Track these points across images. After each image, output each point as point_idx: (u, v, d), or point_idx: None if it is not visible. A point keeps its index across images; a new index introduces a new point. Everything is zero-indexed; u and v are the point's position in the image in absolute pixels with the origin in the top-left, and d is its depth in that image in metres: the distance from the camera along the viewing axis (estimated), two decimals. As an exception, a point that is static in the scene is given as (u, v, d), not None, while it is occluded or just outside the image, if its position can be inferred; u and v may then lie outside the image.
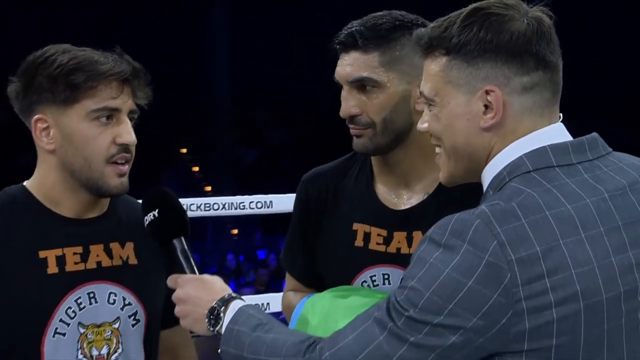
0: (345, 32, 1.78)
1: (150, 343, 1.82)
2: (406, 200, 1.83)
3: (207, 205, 2.91)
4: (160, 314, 1.79)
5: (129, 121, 1.71)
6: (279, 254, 2.42)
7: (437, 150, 1.50)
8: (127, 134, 1.69)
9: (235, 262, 12.16)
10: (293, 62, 17.28)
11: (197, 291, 1.61)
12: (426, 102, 1.48)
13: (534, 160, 1.39)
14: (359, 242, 1.85)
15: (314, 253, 1.92)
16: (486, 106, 1.40)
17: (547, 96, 1.42)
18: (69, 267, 1.72)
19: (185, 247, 1.68)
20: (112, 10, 16.63)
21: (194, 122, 16.85)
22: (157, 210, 1.69)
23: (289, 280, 2.03)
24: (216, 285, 1.61)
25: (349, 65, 1.77)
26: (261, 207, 2.96)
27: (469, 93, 1.42)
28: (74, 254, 1.73)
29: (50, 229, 1.73)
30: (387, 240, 1.82)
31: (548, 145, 1.40)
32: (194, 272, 1.66)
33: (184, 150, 17.76)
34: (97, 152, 1.68)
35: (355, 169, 1.91)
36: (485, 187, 1.44)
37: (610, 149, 1.45)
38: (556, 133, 1.42)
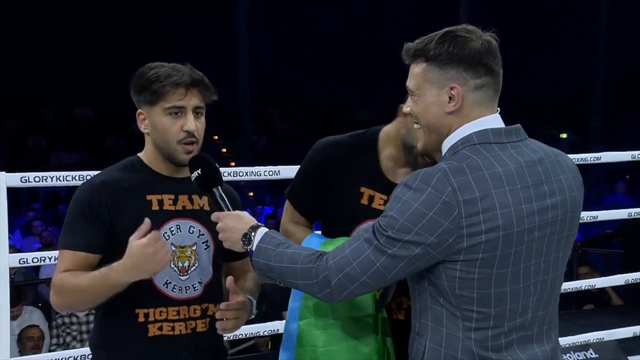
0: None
1: (217, 265, 1.86)
2: (403, 176, 1.78)
3: (234, 173, 2.89)
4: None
5: (192, 114, 1.74)
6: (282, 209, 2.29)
7: (416, 126, 1.52)
8: (190, 123, 1.74)
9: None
10: (296, 72, 17.18)
11: (233, 222, 1.62)
12: (409, 93, 1.51)
13: (479, 137, 1.44)
14: (364, 201, 1.83)
15: (320, 199, 1.87)
16: (450, 98, 1.45)
17: (491, 94, 1.47)
18: (165, 207, 1.79)
19: (222, 192, 1.69)
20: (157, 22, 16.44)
21: (223, 116, 16.76)
22: (200, 169, 1.69)
23: (292, 213, 1.94)
24: (246, 217, 1.63)
25: None
26: (272, 175, 2.93)
27: (439, 88, 1.46)
28: (169, 199, 1.79)
29: (154, 182, 1.80)
30: (386, 203, 1.78)
31: (489, 128, 1.45)
32: (229, 210, 1.66)
33: (216, 137, 17.68)
34: (171, 136, 1.75)
35: (365, 146, 1.85)
36: (443, 152, 1.48)
37: (527, 136, 1.50)
38: (495, 121, 1.47)
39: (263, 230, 1.58)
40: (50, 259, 2.77)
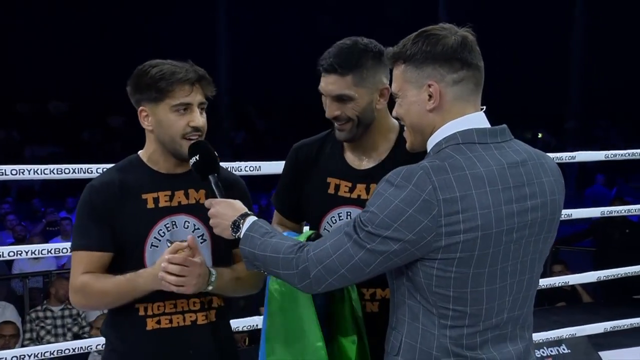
0: (327, 60, 1.77)
1: (218, 256, 1.85)
2: (365, 164, 1.88)
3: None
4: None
5: (198, 110, 1.77)
6: (262, 205, 2.30)
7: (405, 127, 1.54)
8: (197, 119, 1.77)
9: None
10: (273, 69, 17.16)
11: (225, 209, 1.65)
12: (394, 96, 1.52)
13: (463, 137, 1.44)
14: (331, 190, 1.88)
15: (298, 198, 1.94)
16: (430, 95, 1.45)
17: (471, 87, 1.47)
18: (161, 204, 1.81)
19: (217, 180, 1.71)
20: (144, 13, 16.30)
21: (201, 111, 16.67)
22: (198, 156, 1.73)
23: (277, 216, 2.03)
24: (237, 205, 1.65)
25: (331, 85, 1.78)
26: (252, 170, 2.88)
27: (418, 87, 1.46)
28: (165, 195, 1.81)
29: (150, 180, 1.82)
30: (351, 190, 1.87)
31: (474, 128, 1.45)
32: (222, 197, 1.68)
33: (193, 132, 17.58)
34: (177, 132, 1.76)
35: (331, 141, 1.93)
36: (428, 150, 1.49)
37: (512, 137, 1.49)
38: (480, 120, 1.47)
39: (252, 218, 1.60)
40: (26, 253, 2.74)
